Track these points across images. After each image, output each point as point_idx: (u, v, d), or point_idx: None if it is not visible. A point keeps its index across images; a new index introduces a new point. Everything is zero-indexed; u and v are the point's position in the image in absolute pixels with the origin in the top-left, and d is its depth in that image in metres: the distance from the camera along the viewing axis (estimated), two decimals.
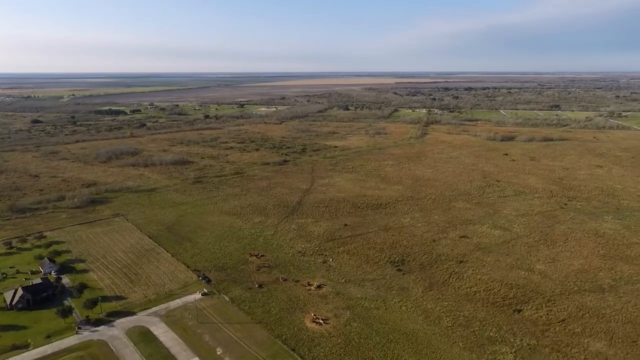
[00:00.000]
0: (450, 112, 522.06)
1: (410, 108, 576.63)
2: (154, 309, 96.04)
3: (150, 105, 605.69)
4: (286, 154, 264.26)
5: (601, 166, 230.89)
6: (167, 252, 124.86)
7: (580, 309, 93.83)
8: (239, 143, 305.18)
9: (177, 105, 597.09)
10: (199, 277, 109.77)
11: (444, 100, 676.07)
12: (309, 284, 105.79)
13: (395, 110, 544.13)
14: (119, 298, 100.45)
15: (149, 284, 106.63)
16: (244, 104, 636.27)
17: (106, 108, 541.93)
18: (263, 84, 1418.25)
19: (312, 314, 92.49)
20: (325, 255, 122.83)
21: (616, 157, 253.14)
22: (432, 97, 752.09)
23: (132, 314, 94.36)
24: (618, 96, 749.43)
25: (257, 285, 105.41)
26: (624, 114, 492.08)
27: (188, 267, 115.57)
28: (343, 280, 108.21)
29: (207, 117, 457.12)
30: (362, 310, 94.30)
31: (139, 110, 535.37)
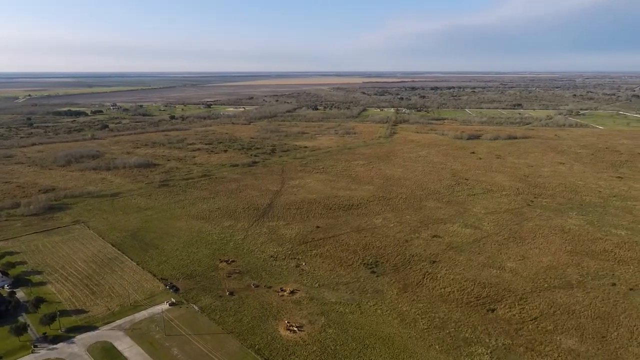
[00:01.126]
0: (417, 111, 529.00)
1: (379, 107, 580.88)
2: (118, 322, 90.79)
3: (112, 105, 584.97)
4: (255, 155, 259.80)
5: (563, 163, 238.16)
6: (132, 260, 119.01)
7: (551, 306, 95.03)
8: (206, 144, 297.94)
9: (141, 106, 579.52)
10: (166, 286, 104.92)
11: (411, 100, 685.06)
12: (282, 290, 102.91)
13: (364, 110, 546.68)
14: (79, 312, 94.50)
15: (113, 296, 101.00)
16: (211, 104, 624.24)
17: (65, 109, 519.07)
18: (230, 84, 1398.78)
19: (286, 321, 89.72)
20: (298, 259, 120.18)
21: (576, 154, 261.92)
22: (399, 96, 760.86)
23: (94, 328, 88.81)
24: (575, 95, 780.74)
25: (227, 293, 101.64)
26: (581, 112, 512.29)
27: (154, 275, 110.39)
28: (317, 284, 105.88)
29: (172, 117, 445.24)
30: (337, 316, 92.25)
31: (101, 111, 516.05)
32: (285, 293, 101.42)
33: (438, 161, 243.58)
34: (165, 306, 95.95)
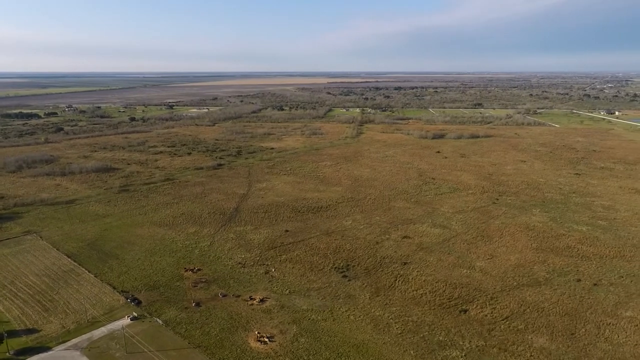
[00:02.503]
0: (382, 111, 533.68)
1: (344, 107, 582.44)
2: (74, 341, 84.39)
3: (68, 107, 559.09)
4: (220, 158, 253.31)
5: (524, 161, 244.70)
6: (89, 272, 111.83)
7: (521, 305, 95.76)
8: (169, 147, 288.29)
9: (99, 107, 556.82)
10: (127, 299, 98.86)
11: (376, 100, 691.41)
12: (251, 299, 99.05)
13: (330, 110, 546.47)
14: (30, 331, 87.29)
15: (68, 312, 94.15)
16: (174, 105, 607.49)
17: (16, 111, 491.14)
18: (193, 84, 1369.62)
19: (256, 332, 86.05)
20: (267, 265, 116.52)
21: (536, 152, 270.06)
22: (364, 96, 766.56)
23: (46, 349, 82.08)
24: (531, 94, 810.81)
25: (194, 304, 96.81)
26: (538, 110, 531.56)
27: (114, 288, 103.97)
28: (287, 291, 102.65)
29: (133, 119, 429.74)
30: (309, 324, 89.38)
31: (56, 113, 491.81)
32: (254, 302, 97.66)
33: (405, 161, 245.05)
34: (126, 321, 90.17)
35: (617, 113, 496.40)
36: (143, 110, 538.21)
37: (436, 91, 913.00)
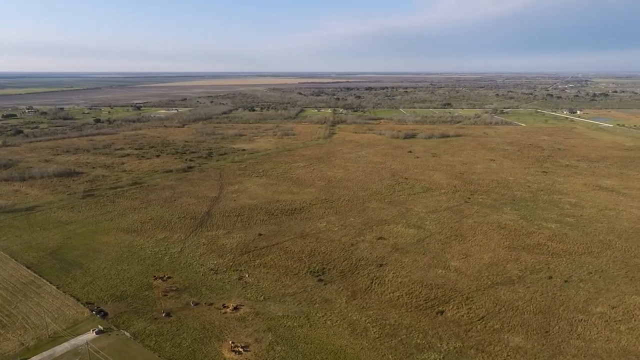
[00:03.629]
0: (354, 111, 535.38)
1: (316, 108, 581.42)
2: (34, 358, 79.16)
3: (28, 109, 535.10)
4: (191, 160, 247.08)
5: (494, 160, 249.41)
6: (51, 284, 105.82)
7: (497, 304, 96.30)
8: (136, 149, 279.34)
9: (62, 109, 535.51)
10: (92, 311, 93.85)
11: (347, 100, 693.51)
12: (225, 306, 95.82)
13: (302, 111, 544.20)
14: None
15: (27, 327, 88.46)
16: (141, 106, 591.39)
17: None
18: (161, 85, 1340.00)
19: (230, 342, 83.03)
20: (241, 270, 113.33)
21: (505, 151, 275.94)
22: (335, 96, 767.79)
23: None
24: (498, 94, 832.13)
25: (164, 314, 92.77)
26: (505, 110, 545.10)
27: (78, 300, 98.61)
28: (262, 297, 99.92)
29: (98, 121, 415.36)
30: (285, 331, 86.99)
31: (15, 115, 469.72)
32: (228, 310, 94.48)
33: (378, 161, 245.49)
34: (91, 335, 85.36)
35: (578, 112, 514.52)
36: (109, 112, 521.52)
37: (406, 91, 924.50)
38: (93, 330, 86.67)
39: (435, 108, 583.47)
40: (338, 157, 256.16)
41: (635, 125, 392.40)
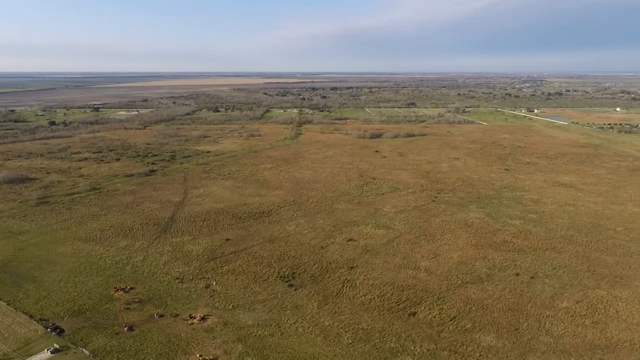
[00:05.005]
0: (320, 111, 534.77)
1: (282, 108, 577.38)
2: None
3: None
4: (153, 163, 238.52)
5: (458, 158, 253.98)
6: (1, 300, 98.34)
7: (467, 303, 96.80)
8: (94, 153, 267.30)
9: (12, 111, 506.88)
10: (46, 328, 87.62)
11: (313, 100, 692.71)
12: (191, 317, 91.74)
13: (267, 111, 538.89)
14: None
15: None
16: (100, 108, 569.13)
17: None
18: (121, 85, 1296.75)
19: (198, 355, 79.31)
20: (208, 278, 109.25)
21: (468, 149, 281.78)
22: (301, 97, 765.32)
23: None
24: (459, 94, 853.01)
25: (126, 328, 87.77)
26: (467, 109, 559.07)
27: (31, 317, 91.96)
28: (230, 306, 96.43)
29: (53, 123, 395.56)
30: (255, 340, 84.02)
31: None
32: (195, 320, 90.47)
33: (345, 161, 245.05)
34: (45, 355, 79.50)
35: (535, 111, 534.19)
36: (64, 114, 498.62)
37: (371, 91, 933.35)
38: (48, 350, 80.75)
39: (399, 108, 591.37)
40: (305, 158, 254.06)
41: (588, 123, 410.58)
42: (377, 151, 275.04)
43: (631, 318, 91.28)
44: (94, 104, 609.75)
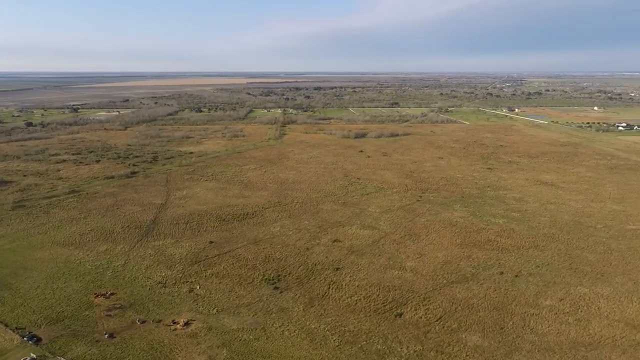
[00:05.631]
0: (304, 111, 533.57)
1: (265, 108, 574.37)
2: None
3: None
4: (134, 165, 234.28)
5: (442, 158, 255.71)
6: None
7: (452, 303, 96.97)
8: (73, 155, 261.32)
9: None
10: (23, 337, 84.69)
11: (297, 100, 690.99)
12: (175, 323, 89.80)
13: (251, 111, 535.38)
14: None
15: None
16: (79, 108, 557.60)
17: None
18: (101, 85, 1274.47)
19: None
20: (191, 282, 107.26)
21: (451, 149, 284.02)
22: (285, 97, 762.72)
23: None
24: (442, 94, 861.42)
25: (106, 336, 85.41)
26: (449, 109, 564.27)
27: (6, 325, 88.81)
28: (215, 310, 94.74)
29: (30, 124, 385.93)
30: (240, 345, 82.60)
31: None
32: (178, 326, 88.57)
33: (329, 161, 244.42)
34: None
35: (516, 110, 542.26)
36: (42, 114, 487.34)
37: (355, 91, 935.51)
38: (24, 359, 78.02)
39: (383, 107, 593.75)
40: (290, 159, 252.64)
41: (567, 122, 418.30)
42: (361, 151, 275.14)
43: (613, 315, 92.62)
44: (73, 105, 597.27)
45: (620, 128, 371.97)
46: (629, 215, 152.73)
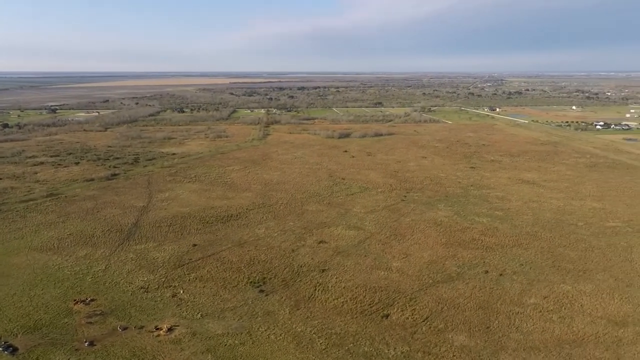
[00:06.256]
0: (288, 111, 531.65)
1: (249, 108, 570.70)
2: None
3: None
4: (115, 167, 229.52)
5: (425, 157, 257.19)
6: None
7: (439, 303, 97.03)
8: (52, 157, 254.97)
9: None
10: None
11: (281, 100, 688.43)
12: (158, 329, 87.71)
13: (234, 111, 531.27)
14: None
15: None
16: (57, 109, 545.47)
17: None
18: (81, 85, 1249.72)
19: None
20: (174, 286, 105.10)
21: (435, 148, 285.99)
22: (268, 96, 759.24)
23: None
24: (424, 93, 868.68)
25: (86, 343, 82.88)
26: (432, 108, 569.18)
27: None
28: (199, 315, 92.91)
29: (5, 126, 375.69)
30: (225, 351, 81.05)
31: None
32: (161, 332, 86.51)
33: (314, 161, 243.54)
34: None
35: (497, 109, 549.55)
36: (19, 115, 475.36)
37: (338, 91, 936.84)
38: None
39: (367, 107, 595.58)
40: (274, 159, 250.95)
41: (547, 121, 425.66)
42: (345, 151, 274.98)
43: (595, 312, 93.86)
44: (51, 105, 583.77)
45: (598, 127, 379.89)
46: (609, 213, 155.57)
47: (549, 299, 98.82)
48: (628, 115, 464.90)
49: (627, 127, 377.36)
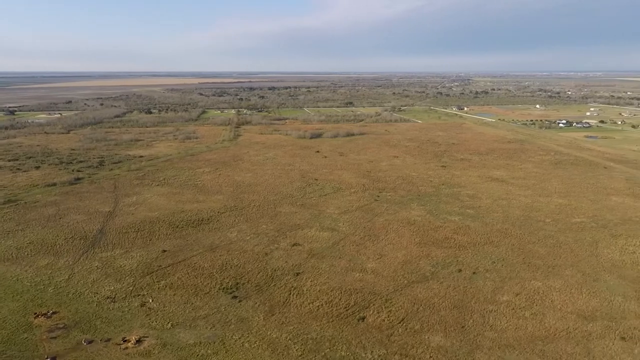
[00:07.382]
0: (259, 111, 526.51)
1: (219, 109, 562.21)
2: None
3: None
4: (78, 170, 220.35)
5: (397, 157, 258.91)
6: None
7: (414, 303, 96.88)
8: (10, 161, 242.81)
9: None
10: None
11: (251, 100, 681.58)
12: (125, 341, 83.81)
13: (204, 112, 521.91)
14: None
15: None
16: (16, 111, 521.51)
17: None
18: (41, 86, 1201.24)
19: None
20: (143, 295, 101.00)
21: (406, 147, 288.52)
22: (238, 97, 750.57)
23: None
24: (394, 93, 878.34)
25: None
26: (402, 108, 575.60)
27: None
28: (169, 324, 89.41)
29: None
30: None
31: None
32: (129, 344, 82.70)
33: (286, 162, 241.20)
34: None
35: (465, 109, 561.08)
36: None
37: (309, 91, 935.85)
38: None
39: (338, 107, 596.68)
40: (245, 160, 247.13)
41: (512, 120, 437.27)
42: (317, 151, 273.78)
43: (565, 307, 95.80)
44: (9, 107, 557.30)
45: (561, 125, 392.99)
46: (574, 209, 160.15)
47: (521, 296, 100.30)
48: (588, 114, 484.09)
49: (587, 125, 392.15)
